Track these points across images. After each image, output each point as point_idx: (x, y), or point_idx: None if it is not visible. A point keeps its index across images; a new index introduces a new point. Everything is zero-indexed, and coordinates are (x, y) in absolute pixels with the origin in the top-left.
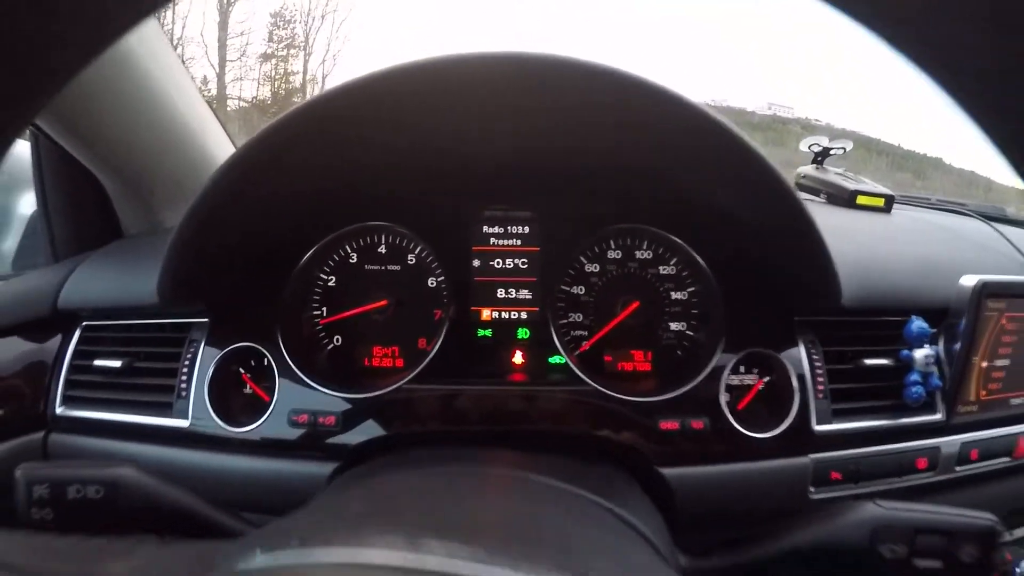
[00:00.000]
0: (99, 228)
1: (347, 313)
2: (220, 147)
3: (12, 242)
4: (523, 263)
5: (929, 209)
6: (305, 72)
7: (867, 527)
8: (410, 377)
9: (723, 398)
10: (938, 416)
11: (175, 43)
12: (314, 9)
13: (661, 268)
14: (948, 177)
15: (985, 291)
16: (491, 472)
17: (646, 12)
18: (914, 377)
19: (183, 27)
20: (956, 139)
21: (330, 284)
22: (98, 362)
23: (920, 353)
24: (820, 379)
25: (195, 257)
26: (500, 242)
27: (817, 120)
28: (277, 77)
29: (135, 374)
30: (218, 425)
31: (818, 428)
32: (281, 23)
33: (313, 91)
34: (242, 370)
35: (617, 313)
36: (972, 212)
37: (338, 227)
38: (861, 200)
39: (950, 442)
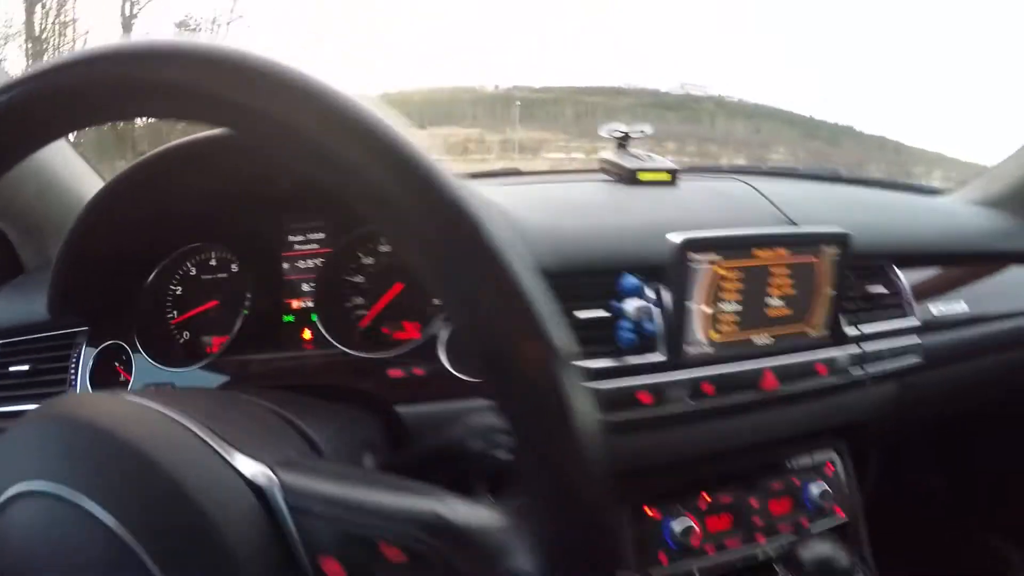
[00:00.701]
0: (2, 267)
1: (188, 314)
2: (83, 182)
3: None
4: (320, 262)
5: (721, 176)
6: None
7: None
8: (222, 351)
9: (442, 349)
10: (659, 357)
11: None
12: (219, 16)
13: None
14: (859, 142)
15: (687, 245)
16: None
17: None
18: (625, 324)
19: None
20: (865, 108)
21: (177, 292)
22: (12, 368)
23: (631, 303)
24: None
25: (71, 279)
26: (302, 248)
27: (730, 96)
28: None
29: (39, 374)
30: None
31: None
32: (186, 31)
33: None
34: (117, 363)
35: (384, 294)
36: (767, 172)
37: (179, 247)
38: (643, 176)
39: (676, 377)
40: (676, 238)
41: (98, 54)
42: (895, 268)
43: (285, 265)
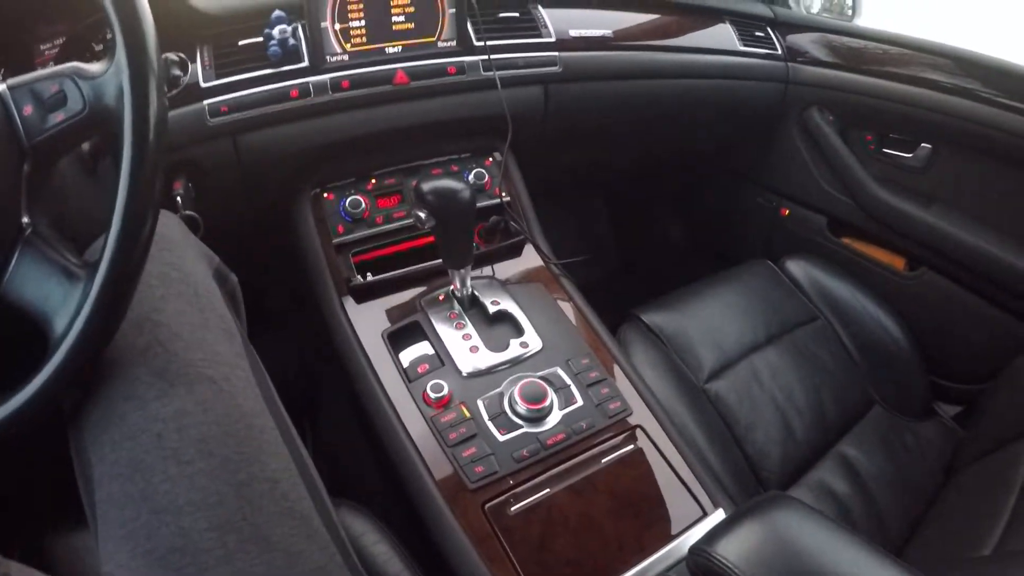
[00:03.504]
0: None
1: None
2: None
3: None
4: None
5: None
6: None
7: None
8: None
9: None
10: (304, 64)
11: None
12: None
13: None
14: None
15: None
16: None
17: None
18: (272, 45)
19: None
20: None
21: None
22: None
23: (276, 28)
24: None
25: None
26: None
27: None
28: None
29: None
30: None
31: (204, 84)
32: None
33: None
34: None
35: None
36: None
37: None
38: None
39: (318, 79)
40: None
41: None
42: (535, 2)
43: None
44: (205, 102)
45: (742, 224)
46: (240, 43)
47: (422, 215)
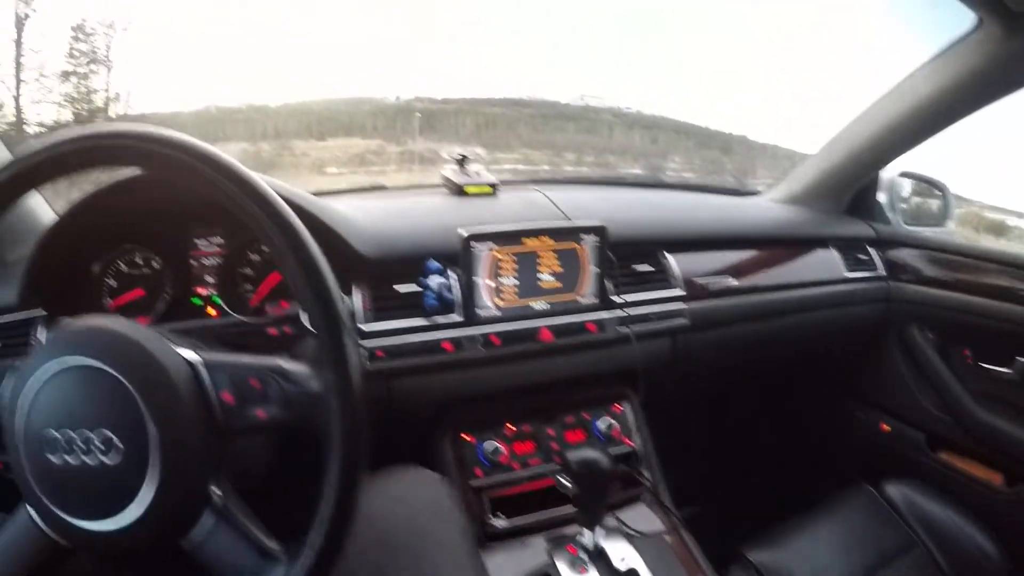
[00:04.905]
0: None
1: (120, 300)
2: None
3: None
4: (219, 260)
5: (531, 187)
6: (108, 89)
7: None
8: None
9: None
10: (458, 318)
11: None
12: (116, 21)
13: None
14: (751, 150)
15: (470, 237)
16: None
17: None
18: (429, 295)
19: None
20: (757, 119)
21: (112, 284)
22: None
23: (433, 280)
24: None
25: (37, 275)
26: (206, 249)
27: (627, 108)
28: (79, 97)
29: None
30: None
31: (364, 327)
32: (82, 36)
33: (116, 110)
34: None
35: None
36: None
37: (114, 249)
38: (469, 190)
39: (470, 332)
40: (463, 232)
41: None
42: (664, 252)
43: (193, 263)
44: (364, 343)
45: (839, 437)
46: (397, 289)
47: (567, 483)
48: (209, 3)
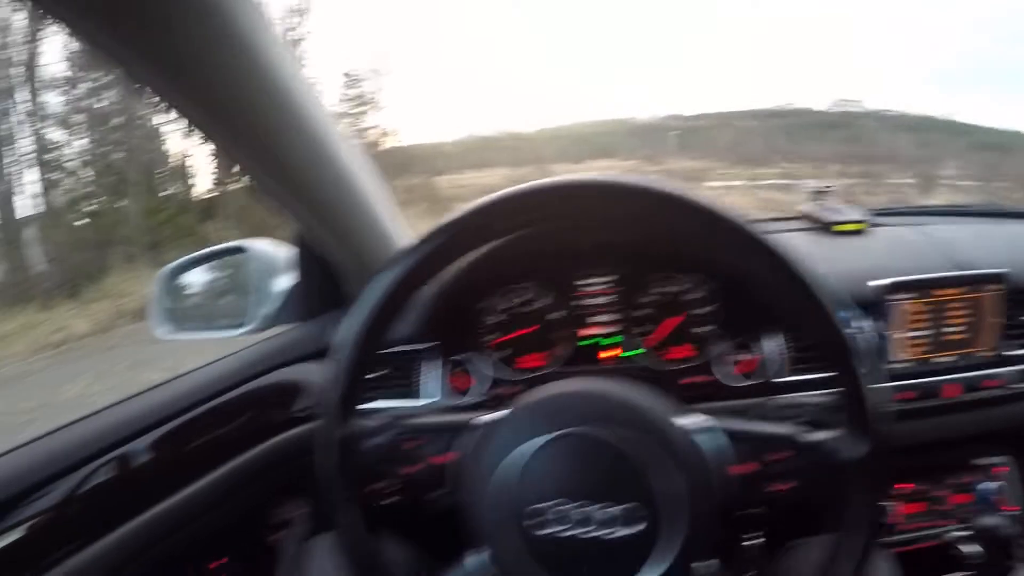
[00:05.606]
0: (328, 295)
1: (507, 336)
2: (398, 230)
3: (269, 308)
4: (610, 299)
5: (913, 218)
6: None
7: None
8: (549, 371)
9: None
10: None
11: None
12: (381, 67)
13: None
14: None
15: (891, 288)
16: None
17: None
18: None
19: None
20: None
21: (498, 321)
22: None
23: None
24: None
25: (434, 313)
26: (593, 289)
27: (889, 110)
28: (351, 135)
29: (394, 377)
30: (447, 397)
31: (774, 380)
32: (352, 82)
33: (386, 145)
34: (460, 369)
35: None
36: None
37: (506, 286)
38: (837, 228)
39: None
40: (882, 282)
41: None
42: None
43: (581, 302)
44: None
45: None
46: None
47: (967, 548)
48: (462, 39)
